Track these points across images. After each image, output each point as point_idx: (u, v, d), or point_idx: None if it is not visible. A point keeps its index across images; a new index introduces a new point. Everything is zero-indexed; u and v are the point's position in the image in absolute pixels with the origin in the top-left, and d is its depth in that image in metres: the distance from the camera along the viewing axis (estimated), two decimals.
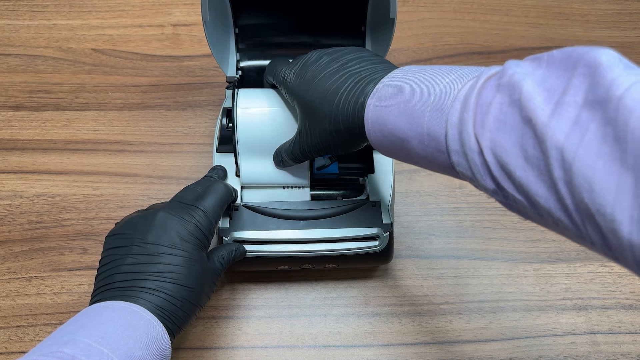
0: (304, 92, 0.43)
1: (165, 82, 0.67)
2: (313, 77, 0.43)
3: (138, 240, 0.41)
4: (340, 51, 0.44)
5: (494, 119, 0.30)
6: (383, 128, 0.37)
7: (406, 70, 0.37)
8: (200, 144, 0.63)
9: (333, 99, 0.40)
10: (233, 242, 0.48)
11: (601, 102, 0.26)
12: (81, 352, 0.34)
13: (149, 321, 0.38)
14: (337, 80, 0.41)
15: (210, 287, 0.44)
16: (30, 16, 0.71)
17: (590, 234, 0.27)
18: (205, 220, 0.43)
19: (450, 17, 0.72)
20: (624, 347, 0.53)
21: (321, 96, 0.41)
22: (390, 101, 0.36)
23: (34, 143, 0.62)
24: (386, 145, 0.38)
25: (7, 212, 0.58)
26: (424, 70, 0.36)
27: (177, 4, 0.72)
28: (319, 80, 0.42)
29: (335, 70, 0.42)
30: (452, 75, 0.34)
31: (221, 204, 0.46)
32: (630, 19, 0.73)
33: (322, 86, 0.42)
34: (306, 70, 0.44)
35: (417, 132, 0.34)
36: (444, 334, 0.53)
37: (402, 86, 0.36)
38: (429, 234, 0.58)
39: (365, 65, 0.41)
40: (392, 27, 0.52)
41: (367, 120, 0.38)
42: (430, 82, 0.34)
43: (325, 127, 0.42)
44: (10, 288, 0.55)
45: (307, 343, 0.53)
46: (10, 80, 0.66)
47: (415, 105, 0.34)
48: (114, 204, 0.59)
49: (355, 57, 0.42)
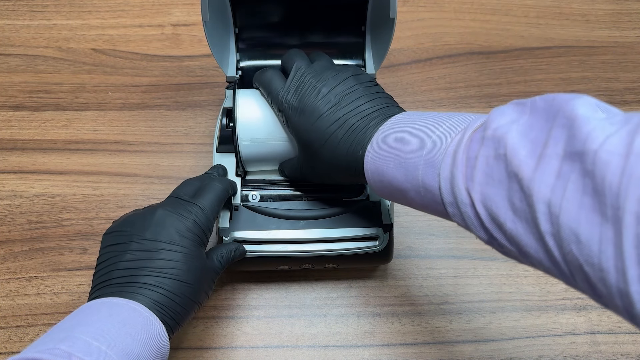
0: (303, 132, 0.44)
1: (165, 82, 0.67)
2: (311, 117, 0.44)
3: (136, 237, 0.41)
4: (336, 78, 0.44)
5: (482, 172, 0.31)
6: (382, 178, 0.39)
7: (399, 121, 0.39)
8: (200, 144, 0.63)
9: (333, 147, 0.42)
10: (233, 242, 0.48)
11: (579, 155, 0.27)
12: (78, 348, 0.34)
13: (147, 318, 0.38)
14: (335, 127, 0.42)
15: (209, 284, 0.44)
16: (30, 16, 0.71)
17: (579, 283, 0.28)
18: (203, 217, 0.43)
19: (450, 17, 0.72)
20: (624, 347, 0.53)
21: (320, 142, 0.43)
22: (387, 154, 0.38)
23: (34, 143, 0.62)
24: (386, 194, 0.40)
25: (7, 212, 0.58)
26: (416, 121, 0.38)
27: (177, 4, 0.72)
28: (318, 122, 0.43)
29: (333, 110, 0.43)
30: (441, 128, 0.35)
31: (219, 201, 0.46)
32: (630, 19, 0.73)
33: (321, 130, 0.43)
34: (304, 105, 0.44)
35: (413, 184, 0.36)
36: (444, 334, 0.53)
37: (396, 139, 0.37)
38: (429, 234, 0.58)
39: (362, 107, 0.42)
40: (392, 27, 0.52)
41: (367, 171, 0.40)
42: (422, 135, 0.36)
43: (326, 171, 0.45)
44: (10, 288, 0.55)
45: (307, 343, 0.53)
46: (10, 80, 0.66)
47: (409, 159, 0.36)
48: (114, 204, 0.59)
49: (351, 91, 0.43)
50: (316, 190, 0.52)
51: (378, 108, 0.42)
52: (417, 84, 0.67)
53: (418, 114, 0.39)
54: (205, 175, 0.49)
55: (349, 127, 0.42)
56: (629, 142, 0.25)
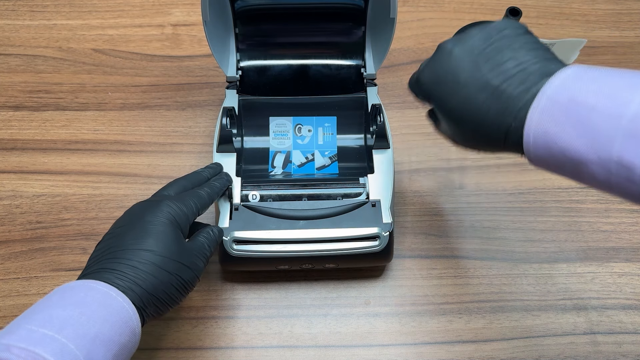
0: (438, 96, 0.39)
1: (165, 82, 0.67)
2: (447, 78, 0.38)
3: (111, 228, 0.42)
4: (470, 41, 0.38)
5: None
6: (551, 146, 0.33)
7: (575, 76, 0.33)
8: (200, 144, 0.63)
9: (475, 111, 0.36)
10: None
11: None
12: (20, 339, 0.33)
13: (106, 293, 0.37)
14: (478, 89, 0.36)
15: (190, 258, 0.42)
16: (30, 16, 0.71)
17: None
18: (175, 205, 0.43)
19: (450, 17, 0.72)
20: (624, 347, 0.52)
21: (458, 107, 0.37)
22: (563, 117, 0.32)
23: (34, 143, 0.62)
24: (550, 163, 0.34)
25: (7, 212, 0.58)
26: (599, 78, 0.32)
27: (177, 4, 0.72)
28: (454, 85, 0.37)
29: (473, 67, 0.37)
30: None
31: (200, 200, 0.45)
32: (630, 19, 0.72)
33: (459, 94, 0.37)
34: (437, 64, 0.39)
35: (601, 157, 0.31)
36: (444, 334, 0.53)
37: (576, 101, 0.32)
38: (428, 234, 0.58)
39: (515, 58, 0.36)
40: (392, 27, 0.52)
41: (529, 135, 0.34)
42: (616, 98, 0.31)
43: (468, 134, 0.39)
44: (10, 288, 0.55)
45: (307, 343, 0.53)
46: (10, 80, 0.66)
47: (600, 126, 0.31)
48: (114, 204, 0.59)
49: (492, 50, 0.37)
50: (316, 189, 0.52)
51: (538, 60, 0.35)
52: None
53: (597, 69, 0.33)
54: (194, 172, 0.49)
55: (498, 90, 0.35)
56: None
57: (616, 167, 0.30)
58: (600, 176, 0.32)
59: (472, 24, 0.41)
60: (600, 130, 0.31)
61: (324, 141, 0.58)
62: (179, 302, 0.42)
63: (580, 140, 0.31)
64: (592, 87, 0.32)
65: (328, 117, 0.58)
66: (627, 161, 0.30)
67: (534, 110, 0.33)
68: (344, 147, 0.57)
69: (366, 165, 0.55)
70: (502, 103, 0.35)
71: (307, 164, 0.57)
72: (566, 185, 0.61)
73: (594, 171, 0.32)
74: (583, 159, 0.32)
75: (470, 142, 0.40)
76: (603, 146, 0.30)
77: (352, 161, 0.57)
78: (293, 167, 0.56)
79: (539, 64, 0.35)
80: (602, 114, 0.31)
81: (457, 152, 0.63)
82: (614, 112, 0.30)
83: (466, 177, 0.61)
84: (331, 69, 0.58)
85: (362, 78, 0.58)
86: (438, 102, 0.40)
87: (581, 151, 0.32)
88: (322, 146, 0.58)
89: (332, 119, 0.58)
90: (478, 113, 0.36)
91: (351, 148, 0.57)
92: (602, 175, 0.31)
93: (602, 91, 0.31)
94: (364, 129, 0.58)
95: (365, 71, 0.57)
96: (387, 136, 0.53)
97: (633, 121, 0.29)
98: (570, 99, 0.32)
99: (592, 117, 0.31)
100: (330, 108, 0.58)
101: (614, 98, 0.31)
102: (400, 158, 0.62)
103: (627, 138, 0.30)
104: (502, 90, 0.35)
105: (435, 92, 0.39)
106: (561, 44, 0.62)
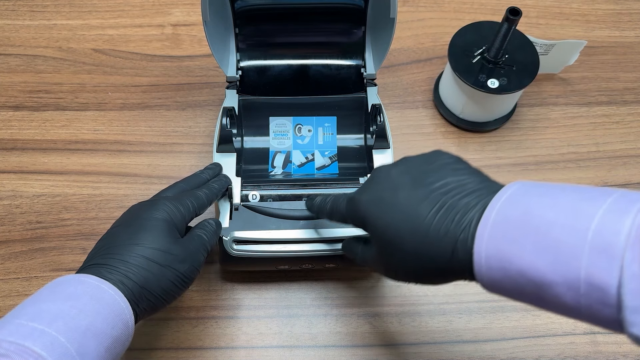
0: (375, 215, 0.36)
1: (165, 82, 0.67)
2: (384, 195, 0.36)
3: (108, 229, 0.43)
4: (409, 163, 0.37)
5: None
6: (507, 266, 0.30)
7: (525, 192, 0.31)
8: (200, 144, 0.63)
9: (420, 230, 0.33)
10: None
11: None
12: (9, 334, 0.32)
13: (97, 286, 0.36)
14: (426, 204, 0.33)
15: (187, 251, 0.42)
16: (30, 16, 0.71)
17: None
18: (171, 205, 0.43)
19: (450, 17, 0.72)
20: (624, 347, 0.52)
21: (397, 223, 0.34)
22: (518, 233, 0.29)
23: (34, 143, 0.62)
24: (508, 287, 0.31)
25: (7, 212, 0.58)
26: (550, 193, 0.30)
27: (177, 4, 0.72)
28: (392, 201, 0.35)
29: (412, 184, 0.35)
30: (602, 204, 0.27)
31: (198, 201, 0.46)
32: (630, 19, 0.72)
33: (399, 208, 0.34)
34: (374, 184, 0.37)
35: (566, 277, 0.27)
36: (444, 334, 0.53)
37: (532, 213, 0.29)
38: None
39: (458, 179, 0.34)
40: (392, 27, 0.52)
41: (480, 254, 0.31)
42: (575, 212, 0.28)
43: (407, 258, 0.34)
44: (10, 288, 0.55)
45: (307, 343, 0.53)
46: (10, 80, 0.66)
47: (562, 242, 0.27)
48: (114, 204, 0.59)
49: (431, 169, 0.35)
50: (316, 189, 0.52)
51: (481, 180, 0.34)
52: (417, 84, 0.67)
53: (545, 185, 0.31)
54: (193, 175, 0.49)
55: (440, 202, 0.33)
56: None
57: (586, 288, 0.27)
58: (567, 299, 0.28)
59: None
60: (564, 246, 0.27)
61: (324, 141, 0.58)
62: (175, 296, 0.42)
63: (540, 258, 0.28)
64: (546, 201, 0.29)
65: (328, 117, 0.58)
66: (599, 280, 0.26)
67: (483, 226, 0.30)
68: (344, 147, 0.57)
69: (366, 165, 0.55)
70: (447, 216, 0.32)
71: (307, 164, 0.57)
72: None
73: (559, 293, 0.28)
74: (546, 279, 0.28)
75: (410, 268, 0.35)
76: (568, 264, 0.27)
77: (352, 161, 0.57)
78: (293, 167, 0.56)
79: (483, 184, 0.34)
80: (564, 228, 0.28)
81: (457, 152, 0.62)
82: (577, 226, 0.27)
83: None
84: (331, 69, 0.58)
85: (362, 78, 0.58)
86: (374, 222, 0.36)
87: (543, 270, 0.28)
88: (322, 146, 0.58)
89: (332, 119, 0.58)
90: (419, 229, 0.33)
91: (351, 148, 0.57)
92: (569, 298, 0.28)
93: (559, 204, 0.29)
94: (364, 129, 0.58)
95: (365, 71, 0.57)
96: (387, 136, 0.53)
97: (600, 234, 0.26)
98: (525, 212, 0.29)
99: (552, 232, 0.28)
100: (330, 108, 0.58)
101: (575, 211, 0.28)
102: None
103: (595, 254, 0.26)
104: (445, 204, 0.33)
105: (372, 212, 0.36)
106: (561, 44, 0.62)
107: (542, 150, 0.63)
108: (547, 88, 0.67)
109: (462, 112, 0.63)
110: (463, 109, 0.62)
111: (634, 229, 0.26)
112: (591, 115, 0.66)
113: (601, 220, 0.27)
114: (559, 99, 0.67)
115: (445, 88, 0.64)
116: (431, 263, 0.33)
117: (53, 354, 0.32)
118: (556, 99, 0.67)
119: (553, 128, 0.65)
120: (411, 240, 0.34)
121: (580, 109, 0.66)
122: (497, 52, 0.58)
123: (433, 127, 0.65)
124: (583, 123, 0.65)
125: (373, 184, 0.38)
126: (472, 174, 0.35)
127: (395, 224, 0.34)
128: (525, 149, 0.63)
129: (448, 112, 0.64)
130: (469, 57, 0.60)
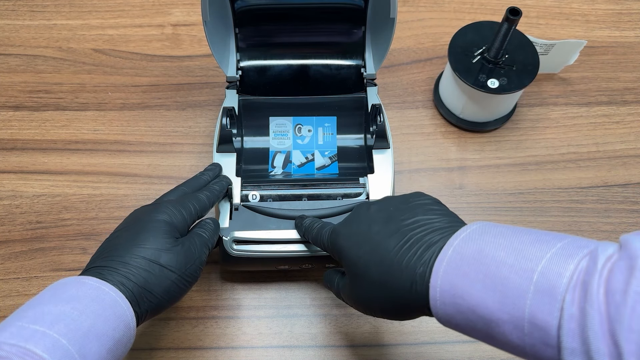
0: (349, 246, 0.38)
1: (165, 82, 0.67)
2: (360, 229, 0.38)
3: (110, 234, 0.43)
4: (388, 201, 0.39)
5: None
6: (459, 302, 0.31)
7: (483, 231, 0.32)
8: (200, 144, 0.63)
9: (384, 256, 0.35)
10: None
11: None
12: (10, 337, 0.32)
13: (97, 288, 0.37)
14: (389, 234, 0.36)
15: (187, 251, 0.42)
16: (30, 16, 0.71)
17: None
18: (171, 207, 0.43)
19: (450, 17, 0.72)
20: None
21: (367, 255, 0.36)
22: (470, 270, 0.30)
23: (34, 143, 0.62)
24: (459, 322, 0.32)
25: (7, 212, 0.58)
26: (507, 234, 0.31)
27: (177, 4, 0.72)
28: (366, 234, 0.37)
29: (386, 220, 0.37)
30: (551, 248, 0.29)
31: (199, 203, 0.46)
32: (630, 19, 0.72)
33: (370, 241, 0.36)
34: (354, 219, 0.40)
35: (512, 315, 0.28)
36: (444, 334, 0.53)
37: (485, 253, 0.30)
38: None
39: (423, 217, 0.36)
40: (392, 27, 0.52)
41: (435, 288, 0.32)
42: (526, 253, 0.29)
43: (374, 288, 0.36)
44: (10, 288, 0.55)
45: (307, 343, 0.53)
46: (10, 80, 0.66)
47: (510, 282, 0.29)
48: (114, 204, 0.59)
49: (406, 208, 0.37)
50: (316, 189, 0.52)
51: (450, 220, 0.36)
52: (417, 84, 0.67)
53: (504, 226, 0.32)
54: (194, 177, 0.50)
55: (407, 237, 0.35)
56: None
57: (529, 328, 0.28)
58: (513, 337, 0.29)
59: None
60: (511, 285, 0.29)
61: (324, 141, 0.58)
62: (179, 296, 0.42)
63: (489, 295, 0.29)
64: (499, 241, 0.31)
65: (328, 117, 0.58)
66: (541, 320, 0.27)
67: (440, 261, 0.32)
68: (344, 147, 0.57)
69: (366, 165, 0.55)
70: (411, 250, 0.34)
71: (307, 164, 0.57)
72: (566, 186, 0.61)
73: (505, 331, 0.29)
74: (494, 317, 0.29)
75: (375, 299, 0.37)
76: (514, 304, 0.28)
77: (352, 161, 0.57)
78: (293, 167, 0.57)
79: (451, 223, 0.35)
80: (512, 268, 0.29)
81: (457, 152, 0.63)
82: (524, 267, 0.28)
83: (466, 177, 0.61)
84: (331, 69, 0.58)
85: (362, 78, 0.58)
86: (348, 253, 0.38)
87: (491, 308, 0.29)
88: (322, 146, 0.58)
89: (332, 119, 0.58)
90: (385, 260, 0.35)
91: (351, 148, 0.57)
92: (514, 337, 0.29)
93: (512, 245, 0.30)
94: (364, 129, 0.58)
95: (365, 71, 0.57)
96: (387, 136, 0.53)
97: (545, 276, 0.28)
98: (478, 251, 0.31)
99: (501, 271, 0.29)
100: (330, 108, 0.58)
101: (524, 253, 0.29)
102: (400, 158, 0.62)
103: (539, 294, 0.27)
104: (411, 238, 0.35)
105: (347, 244, 0.39)
106: (561, 44, 0.62)
107: (542, 150, 0.63)
108: (547, 88, 0.67)
109: (462, 112, 0.63)
110: (463, 109, 0.62)
111: (577, 273, 0.27)
112: (591, 115, 0.66)
113: (548, 263, 0.28)
114: (559, 99, 0.67)
115: (445, 88, 0.64)
116: (393, 293, 0.35)
117: (55, 356, 0.32)
118: (556, 99, 0.67)
119: (553, 128, 0.65)
120: (377, 271, 0.35)
121: (580, 109, 0.66)
122: (497, 52, 0.58)
123: (433, 127, 0.65)
124: (583, 123, 0.65)
125: (353, 219, 0.40)
126: (445, 215, 0.36)
127: (365, 256, 0.37)
128: (525, 149, 0.63)
129: (448, 112, 0.64)
130: (469, 57, 0.60)
